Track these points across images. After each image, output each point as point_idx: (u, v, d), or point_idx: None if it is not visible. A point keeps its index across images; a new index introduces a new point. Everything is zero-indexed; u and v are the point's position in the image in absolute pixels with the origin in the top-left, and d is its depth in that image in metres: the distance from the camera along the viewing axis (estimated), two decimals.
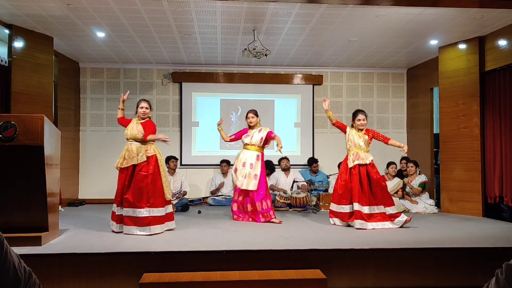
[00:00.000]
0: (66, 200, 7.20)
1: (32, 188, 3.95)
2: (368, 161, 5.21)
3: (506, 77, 5.81)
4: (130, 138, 4.77)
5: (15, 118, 3.86)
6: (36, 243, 3.86)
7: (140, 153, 4.64)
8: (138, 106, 4.93)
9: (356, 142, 5.29)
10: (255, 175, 5.54)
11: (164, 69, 8.16)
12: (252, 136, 5.71)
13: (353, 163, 5.21)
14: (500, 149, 5.89)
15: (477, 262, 3.82)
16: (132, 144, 4.73)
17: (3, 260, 1.11)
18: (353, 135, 5.35)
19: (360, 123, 5.34)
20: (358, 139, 5.30)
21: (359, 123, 5.35)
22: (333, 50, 7.13)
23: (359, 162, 5.19)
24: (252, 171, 5.55)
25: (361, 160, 5.20)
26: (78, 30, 6.02)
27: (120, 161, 4.70)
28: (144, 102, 4.95)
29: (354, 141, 5.31)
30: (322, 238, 4.35)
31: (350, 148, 5.36)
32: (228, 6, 5.12)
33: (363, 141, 5.29)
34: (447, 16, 5.42)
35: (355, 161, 5.21)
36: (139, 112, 4.90)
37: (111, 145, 7.98)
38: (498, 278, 1.20)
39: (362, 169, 5.19)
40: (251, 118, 5.79)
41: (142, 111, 4.89)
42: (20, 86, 5.86)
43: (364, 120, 5.36)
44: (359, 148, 5.28)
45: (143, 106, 4.92)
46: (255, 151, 5.66)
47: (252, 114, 5.81)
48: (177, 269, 3.55)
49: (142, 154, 4.64)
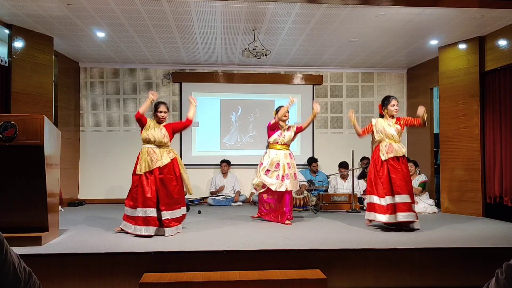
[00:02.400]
0: (66, 200, 7.19)
1: (32, 188, 3.95)
2: (401, 153, 4.85)
3: (506, 77, 5.81)
4: (155, 143, 4.67)
5: (15, 118, 3.86)
6: (36, 243, 3.87)
7: (164, 156, 4.65)
8: (157, 110, 4.80)
9: (388, 132, 4.89)
10: (294, 173, 5.43)
11: (164, 69, 8.16)
12: (285, 135, 5.47)
13: (387, 156, 4.82)
14: (500, 149, 5.89)
15: (477, 262, 3.82)
16: (153, 148, 4.65)
17: (3, 260, 1.11)
18: (382, 125, 4.95)
19: (394, 108, 4.95)
20: (389, 128, 4.90)
21: (393, 109, 4.95)
22: (333, 50, 7.13)
23: (393, 154, 4.82)
24: (291, 171, 5.38)
25: (395, 152, 4.83)
26: (78, 30, 6.02)
27: (143, 165, 4.58)
28: (163, 106, 4.83)
29: (385, 132, 4.89)
30: (322, 238, 4.36)
31: (381, 140, 4.94)
32: (228, 6, 5.12)
33: (395, 130, 4.91)
34: (447, 16, 5.43)
35: (389, 153, 4.82)
36: (158, 116, 4.79)
37: (111, 145, 7.99)
38: (498, 278, 1.20)
39: (394, 162, 4.81)
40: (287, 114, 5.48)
41: (161, 116, 4.79)
42: (20, 86, 5.86)
43: (397, 105, 4.99)
44: (392, 138, 4.89)
45: (162, 110, 4.81)
46: (287, 151, 5.49)
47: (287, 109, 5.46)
48: (177, 269, 3.55)
49: (166, 156, 4.66)
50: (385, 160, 4.85)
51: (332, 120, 8.47)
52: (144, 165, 4.58)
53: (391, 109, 4.99)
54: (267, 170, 5.39)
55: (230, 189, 7.78)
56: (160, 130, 4.72)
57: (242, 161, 8.08)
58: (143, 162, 4.60)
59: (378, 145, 4.99)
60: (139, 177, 4.57)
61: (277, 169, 5.35)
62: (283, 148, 5.48)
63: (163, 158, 4.62)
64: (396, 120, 5.02)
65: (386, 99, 5.08)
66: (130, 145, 7.67)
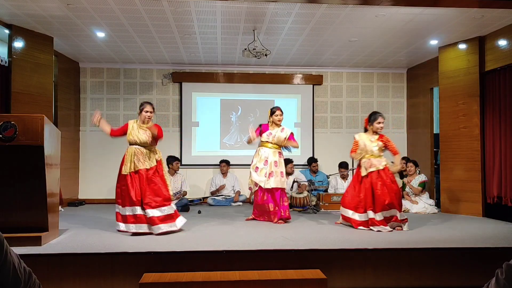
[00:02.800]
0: (66, 200, 7.20)
1: (32, 188, 3.95)
2: (381, 166, 5.01)
3: (506, 77, 5.81)
4: (139, 144, 4.68)
5: (15, 118, 3.86)
6: (36, 243, 3.86)
7: (151, 157, 4.68)
8: (143, 110, 4.78)
9: (368, 149, 5.06)
10: (281, 172, 5.48)
11: (164, 69, 8.16)
12: (275, 135, 5.56)
13: (366, 171, 5.02)
14: (500, 149, 5.89)
15: (477, 262, 3.82)
16: (141, 149, 4.67)
17: (3, 260, 1.11)
18: (364, 140, 5.12)
19: (380, 126, 5.09)
20: (371, 144, 5.07)
21: (379, 126, 5.09)
22: (333, 50, 7.13)
23: (372, 169, 5.00)
24: (277, 169, 5.45)
25: (374, 167, 5.00)
26: (78, 30, 6.02)
27: (129, 165, 4.61)
28: (149, 106, 4.82)
29: (366, 148, 5.07)
30: (322, 238, 4.35)
31: (362, 156, 5.11)
32: (228, 6, 5.12)
33: (376, 146, 5.07)
34: (447, 16, 5.43)
35: (368, 169, 5.01)
36: (143, 116, 4.77)
37: (111, 145, 7.97)
38: (498, 278, 1.20)
39: (374, 174, 4.99)
40: (280, 116, 5.59)
41: (147, 116, 4.78)
42: (20, 86, 5.86)
43: (383, 123, 5.13)
44: (372, 154, 5.06)
45: (148, 110, 4.79)
46: (276, 149, 5.56)
47: (281, 112, 5.62)
48: (177, 269, 3.55)
49: (153, 158, 4.69)
50: (365, 176, 5.03)
51: (332, 120, 8.46)
52: (130, 165, 4.61)
53: (377, 126, 5.12)
54: (256, 167, 5.52)
55: (230, 189, 7.77)
56: (145, 132, 4.73)
57: (242, 161, 8.07)
58: (129, 162, 4.63)
59: (360, 162, 5.16)
60: (124, 177, 4.61)
61: (265, 165, 5.46)
62: (273, 147, 5.57)
63: (150, 159, 4.67)
64: (379, 137, 5.14)
65: (373, 115, 5.19)
66: None
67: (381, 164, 5.03)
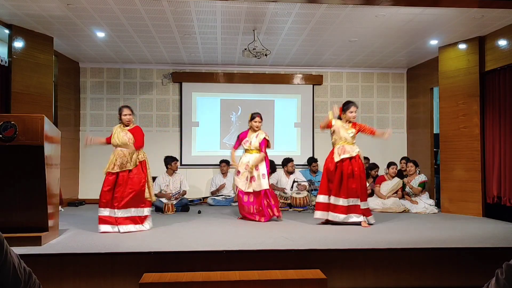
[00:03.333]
0: (66, 200, 7.20)
1: (32, 188, 3.95)
2: (354, 153, 5.18)
3: (506, 77, 5.81)
4: (120, 145, 4.84)
5: (15, 118, 3.86)
6: (36, 243, 3.86)
7: (133, 159, 4.78)
8: (122, 114, 4.96)
9: (342, 135, 5.24)
10: (262, 174, 5.60)
11: (164, 69, 8.16)
12: (250, 142, 5.75)
13: (340, 157, 5.17)
14: (500, 149, 5.89)
15: (477, 262, 3.82)
16: (123, 150, 4.81)
17: (3, 260, 1.11)
18: (338, 127, 5.28)
19: (352, 115, 5.27)
20: (345, 132, 5.23)
21: (351, 115, 5.27)
22: (333, 50, 7.13)
23: (345, 156, 5.16)
24: (258, 172, 5.61)
25: (347, 153, 5.17)
26: (78, 30, 6.02)
27: (111, 166, 4.74)
28: (126, 109, 4.98)
29: (340, 135, 5.25)
30: (322, 238, 4.35)
31: (335, 142, 5.31)
32: (228, 6, 5.12)
33: (351, 134, 5.23)
34: (447, 16, 5.43)
35: (342, 155, 5.17)
36: (123, 120, 4.94)
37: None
38: (498, 278, 1.20)
39: (346, 162, 5.16)
40: (258, 123, 5.76)
41: (126, 119, 4.94)
42: (20, 86, 5.86)
43: (355, 112, 5.30)
44: (345, 141, 5.23)
45: (126, 113, 4.95)
46: (257, 154, 5.71)
47: (260, 119, 5.79)
48: (177, 269, 3.55)
49: (135, 159, 4.79)
50: (337, 162, 5.17)
51: None
52: (111, 166, 4.73)
53: (349, 115, 5.30)
54: (238, 172, 5.73)
55: (230, 189, 7.77)
56: (126, 134, 4.87)
57: None
58: (111, 163, 4.76)
59: (333, 148, 5.33)
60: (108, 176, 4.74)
61: (246, 169, 5.64)
62: (253, 152, 5.74)
63: (132, 161, 4.76)
64: (352, 125, 5.31)
65: (346, 105, 5.35)
66: None
67: (354, 151, 5.20)
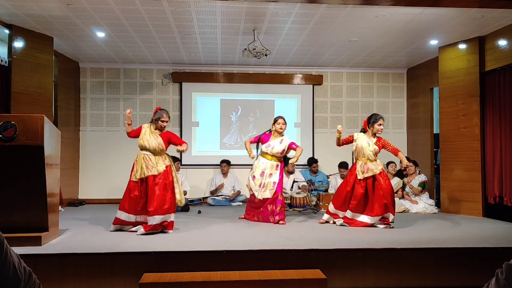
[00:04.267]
0: (66, 200, 7.20)
1: (32, 188, 3.95)
2: (378, 171, 5.07)
3: (506, 77, 5.81)
4: (148, 149, 4.69)
5: (15, 118, 3.86)
6: (36, 243, 3.86)
7: (159, 164, 4.67)
8: (160, 119, 4.75)
9: (365, 152, 5.11)
10: (273, 182, 5.49)
11: (164, 69, 8.16)
12: (273, 147, 5.52)
13: (363, 176, 5.07)
14: (500, 149, 5.89)
15: (477, 262, 3.82)
16: (150, 155, 4.68)
17: (3, 260, 1.11)
18: (361, 143, 5.14)
19: (381, 128, 5.13)
20: (367, 148, 5.10)
21: (380, 128, 5.13)
22: (333, 50, 7.13)
23: (369, 174, 5.07)
24: (270, 180, 5.49)
25: (371, 172, 5.07)
26: (78, 30, 6.02)
27: (139, 172, 4.64)
28: (166, 115, 4.79)
29: (363, 151, 5.12)
30: (322, 238, 4.35)
31: (357, 157, 5.19)
32: (228, 6, 5.12)
33: (372, 151, 5.10)
34: (447, 16, 5.42)
35: (365, 173, 5.07)
36: (161, 125, 4.76)
37: (111, 145, 7.99)
38: (498, 278, 1.20)
39: (370, 180, 5.07)
40: (282, 125, 5.55)
41: (164, 125, 4.78)
42: (20, 86, 5.86)
43: (383, 125, 5.16)
44: (367, 158, 5.11)
45: (165, 120, 4.77)
46: (274, 162, 5.55)
47: (284, 121, 5.58)
48: (177, 269, 3.55)
49: (161, 164, 4.68)
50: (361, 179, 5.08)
51: (332, 120, 8.46)
52: (140, 172, 4.64)
53: (378, 128, 5.14)
54: (254, 176, 5.58)
55: (230, 189, 7.77)
56: (156, 138, 4.72)
57: (242, 161, 8.06)
58: (139, 168, 4.66)
59: (356, 161, 5.22)
60: (134, 183, 4.67)
61: (261, 177, 5.52)
62: (272, 159, 5.56)
63: (158, 166, 4.66)
64: (377, 140, 5.16)
65: (374, 117, 5.20)
66: (130, 145, 7.62)
67: (378, 168, 5.10)
